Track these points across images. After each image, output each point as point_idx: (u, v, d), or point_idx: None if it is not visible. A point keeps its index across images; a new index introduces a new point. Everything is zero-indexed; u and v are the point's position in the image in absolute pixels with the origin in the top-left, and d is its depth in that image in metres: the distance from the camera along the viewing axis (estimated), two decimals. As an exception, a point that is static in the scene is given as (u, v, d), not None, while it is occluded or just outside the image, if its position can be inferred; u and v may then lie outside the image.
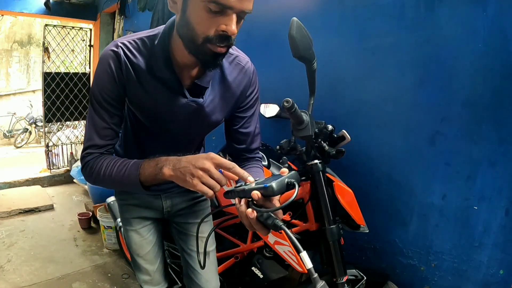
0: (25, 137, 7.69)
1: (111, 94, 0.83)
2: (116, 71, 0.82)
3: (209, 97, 0.89)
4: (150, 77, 0.84)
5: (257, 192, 0.65)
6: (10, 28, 8.88)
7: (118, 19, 3.66)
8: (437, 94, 1.22)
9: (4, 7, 3.64)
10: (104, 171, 0.82)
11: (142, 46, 0.84)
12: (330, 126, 1.18)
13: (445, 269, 1.26)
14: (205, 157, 0.71)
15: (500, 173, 1.11)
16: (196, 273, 1.14)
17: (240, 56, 0.92)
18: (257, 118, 1.01)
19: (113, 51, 0.82)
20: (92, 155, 0.85)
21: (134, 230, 1.12)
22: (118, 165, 0.81)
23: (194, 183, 0.69)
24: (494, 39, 1.08)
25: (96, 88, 0.83)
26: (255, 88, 0.96)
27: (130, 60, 0.83)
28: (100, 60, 0.83)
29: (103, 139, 0.85)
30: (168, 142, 0.98)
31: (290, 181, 0.65)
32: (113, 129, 0.86)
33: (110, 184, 0.85)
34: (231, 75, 0.90)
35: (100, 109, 0.84)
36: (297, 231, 1.29)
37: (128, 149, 1.04)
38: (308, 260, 0.63)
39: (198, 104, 0.87)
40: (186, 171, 0.71)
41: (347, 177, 1.29)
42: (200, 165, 0.70)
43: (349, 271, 1.17)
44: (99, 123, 0.84)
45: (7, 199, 3.46)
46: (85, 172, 0.87)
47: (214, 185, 0.70)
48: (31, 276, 2.18)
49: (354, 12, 1.45)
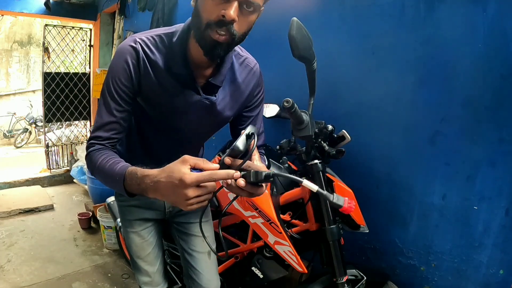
0: (25, 137, 7.68)
1: (125, 88, 0.85)
2: (133, 67, 0.84)
3: (221, 95, 0.92)
4: (166, 73, 0.86)
5: (228, 158, 0.69)
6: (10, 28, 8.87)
7: (118, 19, 3.65)
8: (437, 94, 1.22)
9: (4, 7, 3.63)
10: (98, 166, 0.82)
11: (160, 43, 0.86)
12: (330, 126, 1.18)
13: (445, 269, 1.26)
14: (182, 186, 0.65)
15: (500, 173, 1.11)
16: (197, 272, 1.14)
17: (249, 58, 0.97)
18: (261, 117, 1.06)
19: (131, 47, 0.84)
20: (94, 146, 0.86)
21: (135, 232, 1.12)
22: (109, 165, 0.80)
23: (188, 209, 0.67)
24: (494, 39, 1.08)
25: (110, 80, 0.84)
26: (262, 89, 1.02)
27: (148, 56, 0.85)
28: (117, 54, 0.85)
29: (108, 132, 0.86)
30: (175, 140, 1.00)
31: (247, 133, 0.69)
32: (119, 123, 0.87)
33: (104, 182, 0.85)
34: (241, 75, 0.95)
35: (111, 101, 0.85)
36: (297, 231, 1.29)
37: (132, 148, 1.04)
38: (312, 184, 0.67)
39: (210, 101, 0.90)
40: (175, 201, 0.68)
41: (347, 177, 1.29)
42: (184, 197, 0.65)
43: (349, 271, 1.17)
44: (106, 116, 0.86)
45: (7, 199, 3.46)
46: (87, 162, 0.88)
47: (206, 199, 0.68)
48: (31, 276, 2.18)
49: (354, 12, 1.45)
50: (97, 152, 0.85)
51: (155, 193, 0.70)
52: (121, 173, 0.76)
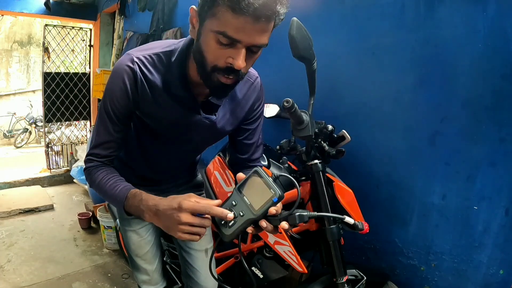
0: (25, 137, 7.68)
1: (122, 109, 0.84)
2: (131, 88, 0.82)
3: (221, 113, 0.90)
4: (165, 94, 0.84)
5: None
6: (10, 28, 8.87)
7: (118, 19, 3.65)
8: (437, 94, 1.22)
9: (4, 7, 3.63)
10: (98, 184, 0.86)
11: (158, 62, 0.83)
12: (330, 126, 1.18)
13: (445, 269, 1.25)
14: (178, 209, 0.69)
15: (500, 173, 1.10)
16: (195, 271, 1.15)
17: (250, 72, 0.93)
18: (260, 129, 1.03)
19: (129, 67, 0.81)
20: (93, 163, 0.88)
21: (133, 230, 1.12)
22: (110, 184, 0.84)
23: (179, 235, 0.70)
24: (494, 39, 1.08)
25: (108, 101, 0.84)
26: (262, 102, 0.99)
27: (146, 76, 0.82)
28: (114, 73, 0.83)
29: (105, 151, 0.88)
30: (174, 150, 1.00)
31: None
32: (117, 142, 0.88)
33: (103, 197, 0.88)
34: (241, 91, 0.92)
35: (108, 121, 0.85)
36: (297, 231, 1.29)
37: (132, 155, 1.05)
38: (350, 219, 0.72)
39: (210, 120, 0.89)
40: (168, 226, 0.71)
41: (347, 177, 1.29)
42: (177, 221, 0.69)
43: (349, 271, 1.17)
44: (104, 135, 0.86)
45: (7, 199, 3.46)
46: (85, 174, 0.91)
47: (198, 232, 0.70)
48: (31, 276, 2.18)
49: (354, 12, 1.45)
50: (96, 169, 0.88)
51: (153, 217, 0.74)
52: (123, 195, 0.81)
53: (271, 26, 0.68)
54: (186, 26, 0.84)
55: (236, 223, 0.67)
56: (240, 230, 0.67)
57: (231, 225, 0.67)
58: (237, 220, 0.67)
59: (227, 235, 0.68)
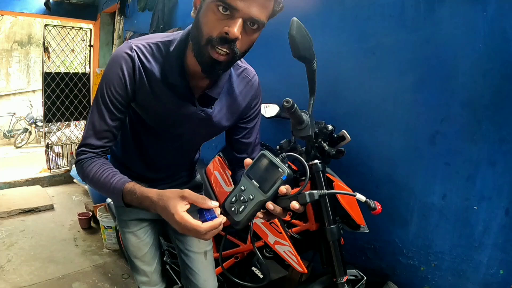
0: (25, 137, 7.68)
1: (118, 97, 0.83)
2: (128, 76, 0.82)
3: (217, 107, 0.90)
4: (162, 83, 0.84)
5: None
6: (10, 28, 8.87)
7: (118, 19, 3.66)
8: (437, 94, 1.22)
9: (4, 7, 3.64)
10: (92, 176, 0.82)
11: (157, 52, 0.83)
12: (330, 126, 1.18)
13: (445, 269, 1.26)
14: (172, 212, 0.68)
15: (500, 173, 1.10)
16: (194, 273, 1.14)
17: (248, 69, 0.94)
18: (258, 128, 1.03)
19: (127, 54, 0.81)
20: (86, 154, 0.85)
21: (131, 232, 1.12)
22: (105, 177, 0.80)
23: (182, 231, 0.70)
24: (494, 39, 1.08)
25: (104, 88, 0.82)
26: (259, 101, 0.99)
27: (143, 65, 0.82)
28: (112, 60, 0.82)
29: (100, 141, 0.85)
30: (170, 144, 0.99)
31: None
32: (112, 132, 0.86)
33: (97, 190, 0.85)
34: (239, 87, 0.92)
35: (104, 109, 0.83)
36: (297, 231, 1.29)
37: (127, 149, 1.04)
38: (361, 196, 0.71)
39: (206, 113, 0.88)
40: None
41: (347, 177, 1.29)
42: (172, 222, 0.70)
43: (349, 271, 1.17)
44: (99, 124, 0.84)
45: (7, 199, 3.46)
46: (77, 168, 0.88)
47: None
48: (31, 276, 2.18)
49: (354, 12, 1.45)
50: (89, 160, 0.84)
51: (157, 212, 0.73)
52: (119, 188, 0.77)
53: (270, 4, 0.70)
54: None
55: (247, 208, 0.67)
56: (251, 214, 0.67)
57: (242, 210, 0.67)
58: (248, 205, 0.67)
59: (238, 221, 0.68)
